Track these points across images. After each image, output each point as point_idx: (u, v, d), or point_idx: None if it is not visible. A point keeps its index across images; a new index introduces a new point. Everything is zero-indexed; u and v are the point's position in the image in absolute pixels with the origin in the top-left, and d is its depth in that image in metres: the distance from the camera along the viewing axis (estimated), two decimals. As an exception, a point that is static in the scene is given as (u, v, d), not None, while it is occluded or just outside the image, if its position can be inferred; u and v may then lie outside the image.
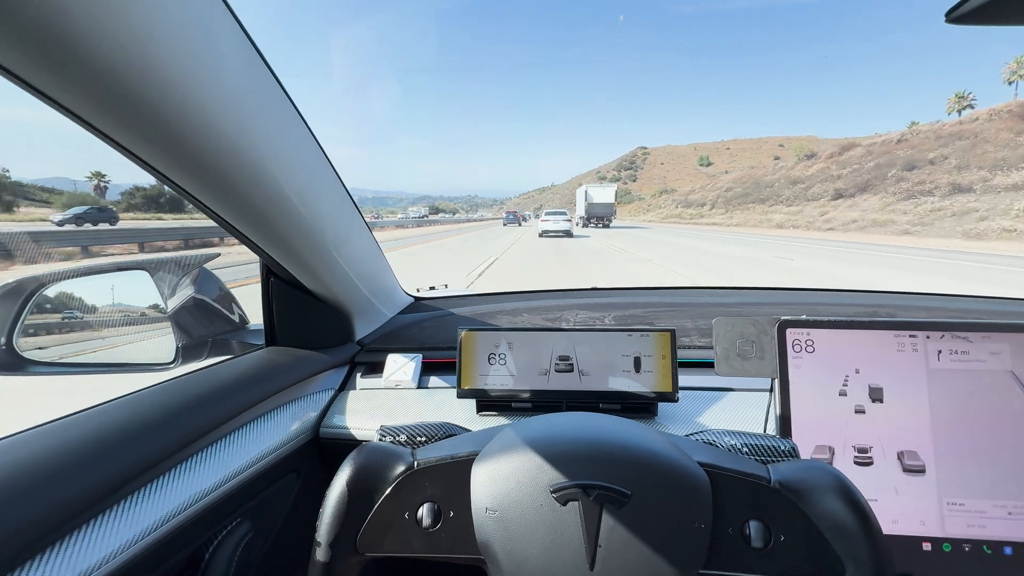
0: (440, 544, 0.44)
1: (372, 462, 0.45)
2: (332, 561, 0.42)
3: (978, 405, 0.63)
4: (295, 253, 0.79)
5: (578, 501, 0.41)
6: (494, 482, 0.43)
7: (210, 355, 0.94)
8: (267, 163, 0.63)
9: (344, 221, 0.87)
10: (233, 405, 0.72)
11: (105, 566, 0.50)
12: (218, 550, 0.67)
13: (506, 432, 0.48)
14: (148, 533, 0.55)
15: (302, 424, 0.84)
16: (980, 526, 0.61)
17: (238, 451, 0.71)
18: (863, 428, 0.65)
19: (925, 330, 0.65)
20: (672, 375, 0.80)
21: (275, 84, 0.63)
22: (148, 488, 0.58)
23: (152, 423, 0.61)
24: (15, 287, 0.81)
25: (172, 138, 0.52)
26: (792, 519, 0.41)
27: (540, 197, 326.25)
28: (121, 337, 0.97)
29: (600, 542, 0.40)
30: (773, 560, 0.41)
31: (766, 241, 23.04)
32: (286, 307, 0.94)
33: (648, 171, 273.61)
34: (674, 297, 1.40)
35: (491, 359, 0.84)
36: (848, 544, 0.40)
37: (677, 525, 0.41)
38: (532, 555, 0.41)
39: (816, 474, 0.42)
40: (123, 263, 0.93)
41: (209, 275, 0.98)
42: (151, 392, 0.68)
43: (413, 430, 0.56)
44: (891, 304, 1.25)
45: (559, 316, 1.19)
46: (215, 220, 0.68)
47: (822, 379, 0.66)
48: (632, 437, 0.46)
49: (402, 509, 0.44)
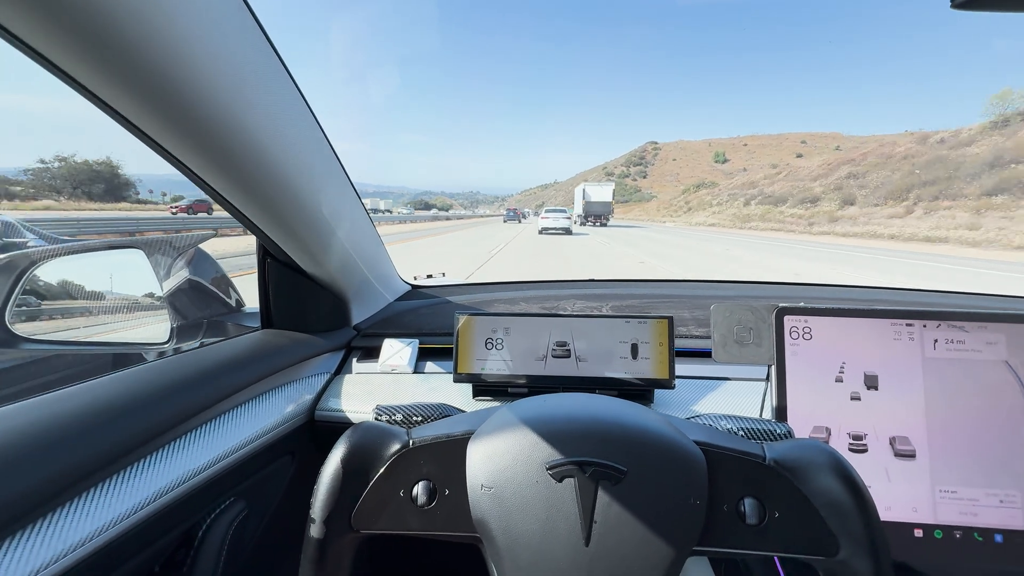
0: (435, 521, 0.44)
1: (367, 440, 0.45)
2: (326, 538, 0.42)
3: (972, 394, 0.63)
4: (293, 232, 0.79)
5: (574, 478, 0.41)
6: (490, 460, 0.43)
7: (205, 336, 0.93)
8: (269, 141, 0.63)
9: (344, 203, 0.87)
10: (228, 385, 0.72)
11: (98, 538, 0.49)
12: (211, 528, 0.66)
13: (501, 411, 0.48)
14: (141, 507, 0.54)
15: (297, 406, 0.84)
16: (972, 514, 0.62)
17: (233, 431, 0.70)
18: (858, 415, 0.65)
19: (921, 319, 0.65)
20: (669, 362, 0.80)
21: (278, 63, 0.63)
22: (141, 463, 0.57)
23: (147, 399, 0.61)
24: (6, 263, 0.80)
25: (175, 113, 0.51)
26: (787, 496, 0.41)
27: (542, 194, 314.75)
28: (115, 315, 0.96)
29: (596, 518, 0.40)
30: (767, 537, 0.41)
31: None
32: (282, 290, 0.93)
33: (659, 167, 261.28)
34: (671, 289, 1.40)
35: (488, 344, 0.83)
36: (843, 521, 0.40)
37: (672, 502, 0.41)
38: (528, 531, 0.41)
39: (811, 452, 0.43)
40: (115, 241, 0.92)
41: (205, 256, 0.97)
42: (146, 368, 0.67)
43: (409, 410, 0.56)
44: (888, 299, 1.26)
45: (556, 306, 1.19)
46: (213, 197, 0.68)
47: (818, 366, 0.67)
48: (628, 416, 0.46)
49: (397, 487, 0.44)
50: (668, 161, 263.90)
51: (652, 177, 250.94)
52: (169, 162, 0.60)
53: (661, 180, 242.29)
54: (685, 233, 32.54)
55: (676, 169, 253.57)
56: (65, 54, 0.43)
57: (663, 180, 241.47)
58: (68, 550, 0.47)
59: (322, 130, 0.76)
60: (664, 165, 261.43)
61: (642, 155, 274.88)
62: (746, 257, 14.38)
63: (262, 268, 0.91)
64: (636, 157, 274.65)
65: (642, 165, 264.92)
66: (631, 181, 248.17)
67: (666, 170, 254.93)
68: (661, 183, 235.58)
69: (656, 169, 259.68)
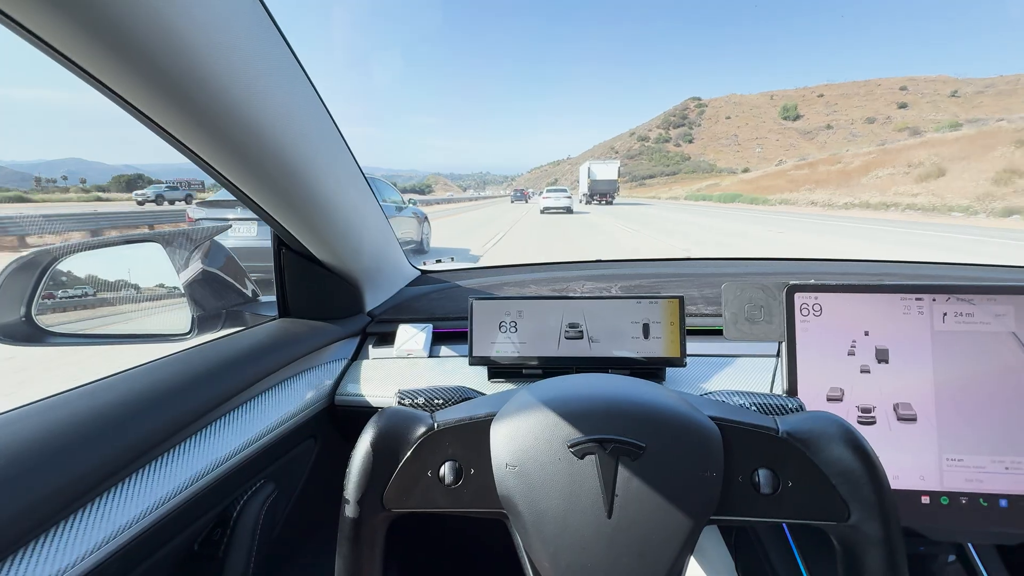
0: (463, 499, 0.46)
1: (393, 425, 0.47)
2: (361, 517, 0.44)
3: (980, 365, 0.65)
4: (307, 221, 0.80)
5: (595, 455, 0.43)
6: (513, 440, 0.45)
7: (224, 326, 0.96)
8: (282, 131, 0.63)
9: (354, 191, 0.87)
10: (252, 373, 0.74)
11: (140, 522, 0.52)
12: (245, 508, 0.70)
13: (521, 393, 0.50)
14: (178, 492, 0.57)
15: (317, 392, 0.87)
16: (978, 480, 0.64)
17: (257, 417, 0.73)
18: (868, 388, 0.66)
19: (931, 293, 0.66)
20: (680, 341, 0.82)
21: (289, 53, 0.63)
22: (177, 449, 0.60)
23: (175, 389, 0.63)
24: (30, 260, 0.82)
25: (189, 106, 0.52)
26: (799, 466, 0.43)
27: (555, 170, 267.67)
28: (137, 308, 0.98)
29: (617, 492, 0.42)
30: (781, 505, 0.43)
31: None
32: (298, 279, 0.95)
33: (708, 128, 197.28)
34: (680, 268, 1.40)
35: (501, 327, 0.85)
36: (853, 488, 0.41)
37: (690, 475, 0.43)
38: (552, 506, 0.43)
39: (822, 423, 0.44)
40: (133, 235, 0.94)
41: (220, 247, 0.99)
42: (172, 360, 0.70)
43: (430, 393, 0.58)
44: (898, 272, 1.26)
45: (566, 287, 1.21)
46: (227, 187, 0.69)
47: (829, 342, 0.68)
48: (645, 394, 0.48)
49: (425, 468, 0.46)
50: (719, 120, 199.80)
51: (702, 140, 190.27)
52: (185, 155, 0.61)
53: (715, 144, 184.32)
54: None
55: (732, 129, 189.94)
56: (78, 47, 0.43)
57: (717, 144, 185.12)
58: (115, 533, 0.50)
59: (332, 118, 0.77)
60: (715, 126, 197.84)
61: (683, 114, 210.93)
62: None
63: (277, 257, 0.93)
64: (676, 117, 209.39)
65: (685, 126, 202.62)
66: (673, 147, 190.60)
67: (718, 131, 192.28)
68: (715, 148, 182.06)
69: (705, 131, 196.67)
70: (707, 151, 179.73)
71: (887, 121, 62.01)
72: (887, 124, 59.65)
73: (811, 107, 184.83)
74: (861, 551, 0.42)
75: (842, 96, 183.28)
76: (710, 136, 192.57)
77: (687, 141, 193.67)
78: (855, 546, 0.42)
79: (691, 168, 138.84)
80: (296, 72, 0.65)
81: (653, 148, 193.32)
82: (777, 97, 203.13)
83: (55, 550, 0.45)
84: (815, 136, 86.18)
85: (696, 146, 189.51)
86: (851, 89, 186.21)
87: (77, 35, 0.41)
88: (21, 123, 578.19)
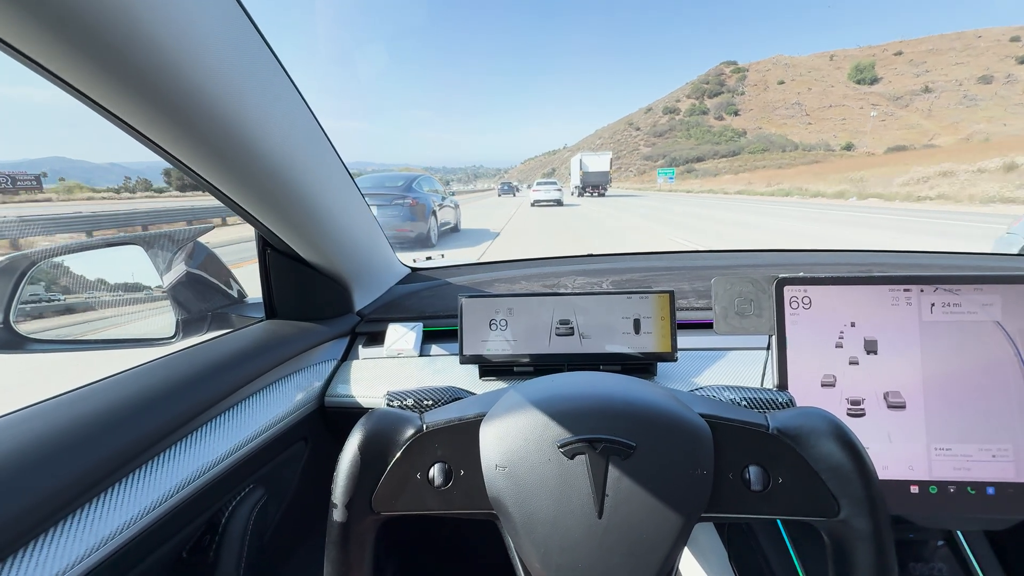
0: (453, 501, 0.45)
1: (382, 427, 0.46)
2: (349, 521, 0.44)
3: (967, 355, 0.65)
4: (291, 221, 0.78)
5: (585, 454, 0.42)
6: (502, 440, 0.44)
7: (210, 329, 0.94)
8: (261, 130, 0.62)
9: (339, 189, 0.86)
10: (238, 376, 0.73)
11: (127, 530, 0.51)
12: (234, 514, 0.69)
13: (511, 393, 0.49)
14: (165, 499, 0.56)
15: (307, 394, 0.86)
16: (965, 469, 0.64)
17: (246, 421, 0.72)
18: (857, 380, 0.67)
19: (919, 284, 0.66)
20: (671, 336, 0.82)
21: (266, 50, 0.61)
22: (161, 457, 0.59)
23: (161, 395, 0.62)
24: (7, 265, 0.80)
25: (164, 106, 0.50)
26: (790, 462, 0.43)
27: (551, 160, 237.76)
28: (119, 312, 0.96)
29: (607, 492, 0.42)
30: (772, 501, 0.43)
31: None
32: (284, 279, 0.94)
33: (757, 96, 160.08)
34: (671, 261, 1.40)
35: (492, 325, 0.84)
36: (843, 483, 0.41)
37: (680, 473, 0.42)
38: (543, 507, 0.42)
39: (812, 419, 0.44)
40: (113, 238, 0.92)
41: (204, 249, 0.97)
42: (157, 365, 0.68)
43: (419, 394, 0.57)
44: (886, 262, 1.27)
45: (557, 283, 1.20)
46: (209, 190, 0.67)
47: (818, 334, 0.68)
48: (635, 392, 0.47)
49: (414, 470, 0.45)
50: (770, 87, 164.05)
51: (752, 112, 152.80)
52: (162, 156, 0.59)
53: (772, 115, 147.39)
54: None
55: (790, 96, 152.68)
56: (45, 48, 0.41)
57: (776, 115, 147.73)
58: (100, 543, 0.49)
59: (313, 115, 0.75)
60: (763, 93, 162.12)
61: (719, 80, 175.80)
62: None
63: (263, 258, 0.91)
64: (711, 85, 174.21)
65: (724, 94, 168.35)
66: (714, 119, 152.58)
67: (772, 100, 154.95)
68: (776, 119, 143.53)
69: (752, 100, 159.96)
70: (767, 123, 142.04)
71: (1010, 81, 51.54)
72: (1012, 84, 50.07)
73: (889, 68, 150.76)
74: (851, 546, 0.42)
75: (930, 52, 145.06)
76: (761, 105, 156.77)
77: (731, 113, 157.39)
78: (845, 541, 0.42)
79: (760, 146, 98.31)
80: (274, 68, 0.63)
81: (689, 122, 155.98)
82: (839, 58, 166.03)
83: (35, 564, 0.44)
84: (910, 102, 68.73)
85: (745, 119, 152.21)
86: (940, 44, 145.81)
87: (42, 34, 0.40)
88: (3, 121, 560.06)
